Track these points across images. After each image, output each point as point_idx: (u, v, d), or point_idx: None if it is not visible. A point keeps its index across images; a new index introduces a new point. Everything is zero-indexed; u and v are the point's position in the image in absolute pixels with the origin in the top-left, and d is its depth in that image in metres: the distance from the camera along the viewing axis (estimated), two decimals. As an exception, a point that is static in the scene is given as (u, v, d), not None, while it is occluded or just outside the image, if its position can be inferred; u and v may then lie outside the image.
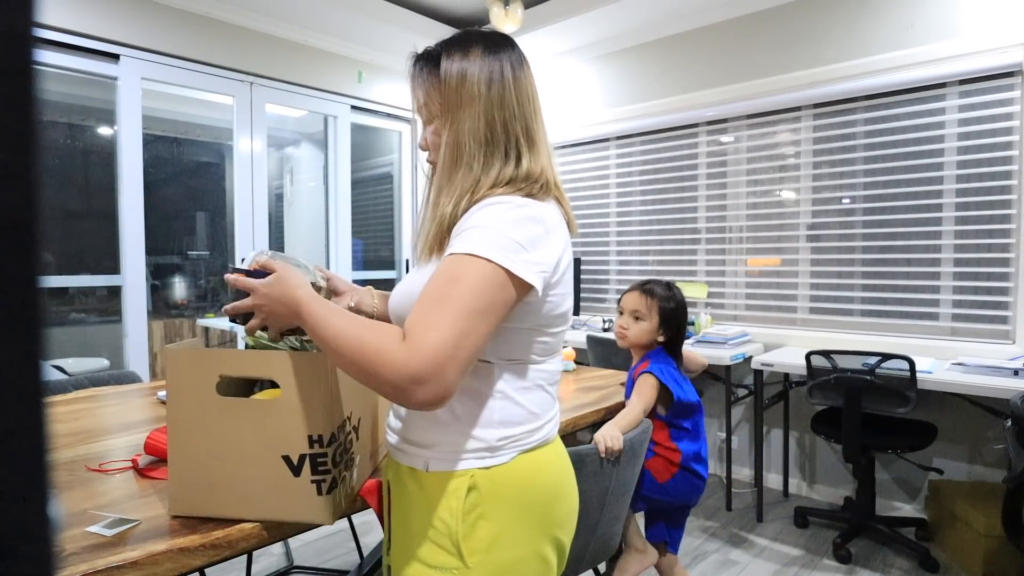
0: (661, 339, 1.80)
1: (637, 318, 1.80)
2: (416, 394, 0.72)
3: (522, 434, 0.88)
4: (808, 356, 2.54)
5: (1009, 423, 1.90)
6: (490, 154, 0.89)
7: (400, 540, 0.90)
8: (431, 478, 0.87)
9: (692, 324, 3.34)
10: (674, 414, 1.74)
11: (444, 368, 0.72)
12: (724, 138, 3.44)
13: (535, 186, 0.89)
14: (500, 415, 0.87)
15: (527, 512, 0.87)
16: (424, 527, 0.86)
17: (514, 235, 0.80)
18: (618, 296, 4.01)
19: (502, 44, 0.95)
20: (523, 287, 0.80)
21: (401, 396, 0.73)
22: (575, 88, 4.04)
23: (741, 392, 3.17)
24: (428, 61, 0.94)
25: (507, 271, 0.78)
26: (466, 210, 0.86)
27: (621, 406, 1.68)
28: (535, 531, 0.87)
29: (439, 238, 0.88)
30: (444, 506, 0.85)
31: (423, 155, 0.98)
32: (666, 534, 1.79)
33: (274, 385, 0.92)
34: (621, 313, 1.86)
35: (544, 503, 0.89)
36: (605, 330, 3.61)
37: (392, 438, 0.95)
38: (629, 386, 1.76)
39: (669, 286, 1.84)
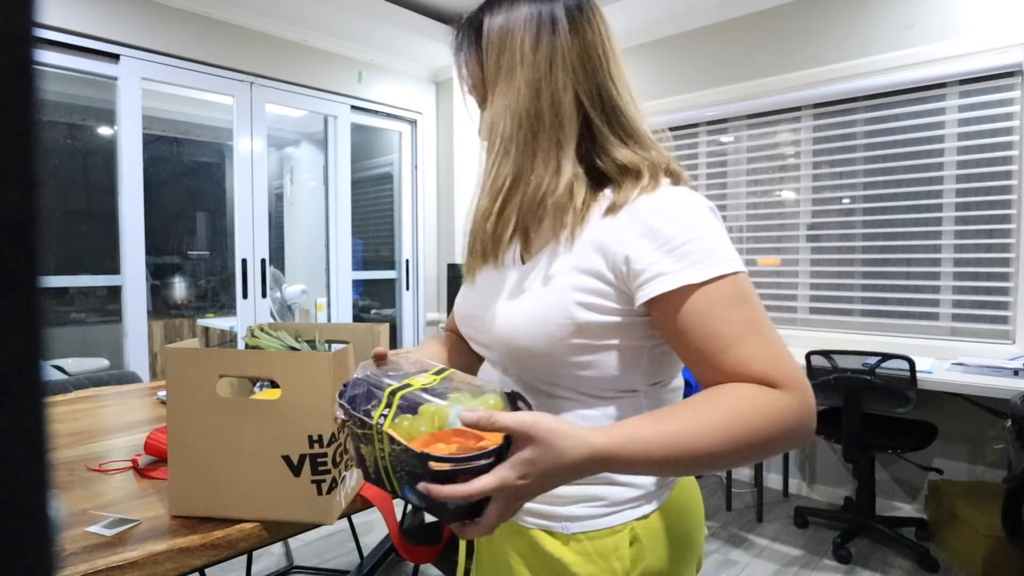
0: None
1: None
2: (812, 424, 0.62)
3: None
4: (808, 356, 2.54)
5: (1009, 423, 1.90)
6: (542, 138, 0.71)
7: None
8: (578, 541, 0.71)
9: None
10: None
11: (809, 386, 0.62)
12: (724, 138, 3.44)
13: (679, 171, 0.74)
14: None
15: (683, 548, 0.75)
16: None
17: (722, 233, 0.69)
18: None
19: None
20: None
21: (806, 440, 0.62)
22: (575, 88, 4.03)
23: (741, 392, 3.17)
24: (470, 25, 0.77)
25: (745, 275, 0.68)
26: (531, 213, 0.73)
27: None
28: (690, 562, 0.78)
29: (489, 246, 0.74)
30: (606, 573, 0.70)
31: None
32: None
33: (274, 384, 0.92)
34: None
35: (695, 530, 0.78)
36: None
37: None
38: None
39: None
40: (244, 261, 3.42)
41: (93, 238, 3.33)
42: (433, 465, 0.53)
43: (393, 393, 0.61)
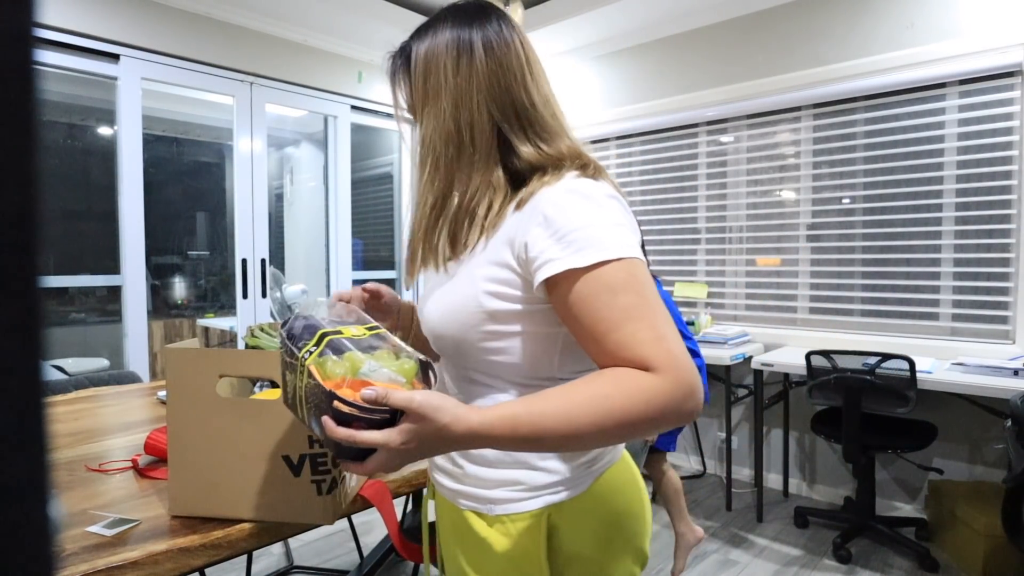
0: None
1: None
2: (694, 409, 0.64)
3: (594, 457, 0.79)
4: (808, 356, 2.54)
5: (1009, 423, 1.90)
6: (469, 154, 0.77)
7: None
8: (501, 523, 0.77)
9: (692, 324, 3.34)
10: None
11: (695, 372, 0.65)
12: (724, 138, 3.44)
13: (592, 166, 0.77)
14: None
15: (612, 536, 0.78)
16: None
17: (615, 220, 0.71)
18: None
19: (475, 14, 0.80)
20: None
21: (684, 420, 0.65)
22: (575, 88, 4.04)
23: (741, 392, 3.17)
24: (402, 54, 0.84)
25: (638, 260, 0.69)
26: (460, 223, 0.78)
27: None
28: (623, 553, 0.79)
29: (419, 260, 0.80)
30: (523, 554, 0.75)
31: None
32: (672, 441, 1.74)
33: (274, 385, 0.92)
34: None
35: (627, 521, 0.80)
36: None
37: (444, 479, 0.84)
38: None
39: None
40: (244, 261, 3.42)
41: (93, 238, 3.33)
42: (337, 404, 0.61)
43: (324, 335, 0.67)
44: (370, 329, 0.73)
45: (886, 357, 2.37)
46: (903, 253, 2.87)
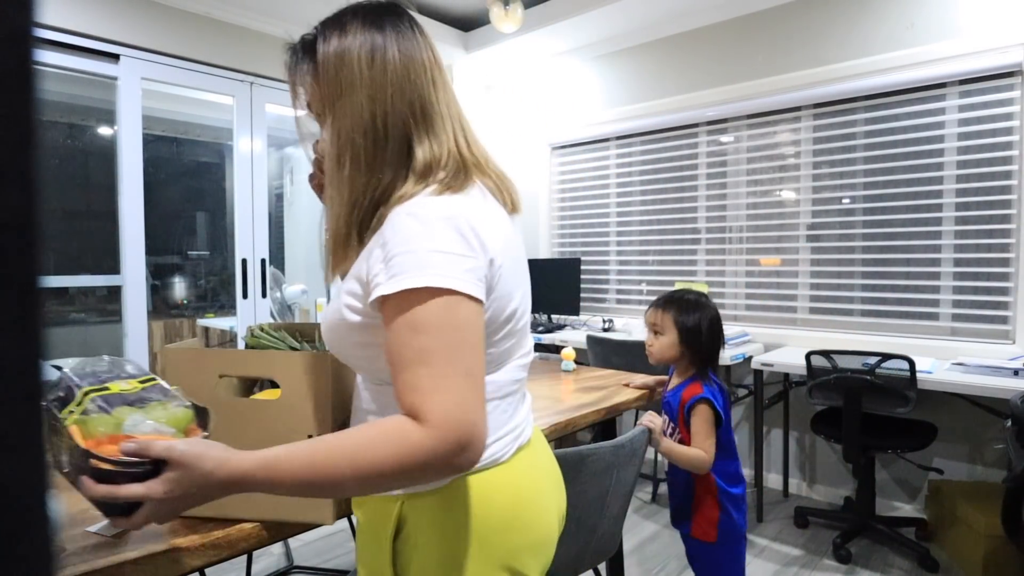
0: (686, 354, 1.67)
1: (656, 332, 1.71)
2: (463, 462, 0.64)
3: None
4: (808, 356, 2.54)
5: (1009, 423, 1.90)
6: (383, 148, 0.77)
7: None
8: (366, 505, 0.80)
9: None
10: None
11: (478, 422, 0.64)
12: (724, 138, 3.44)
13: (445, 174, 0.76)
14: None
15: (468, 546, 0.75)
16: (365, 560, 0.81)
17: (442, 246, 0.68)
18: (618, 296, 4.03)
19: (385, 11, 0.81)
20: (475, 301, 0.69)
21: (456, 472, 0.65)
22: (575, 88, 4.04)
23: (741, 392, 3.17)
24: (306, 50, 0.82)
25: (456, 292, 0.67)
26: (367, 223, 0.76)
27: (620, 406, 1.68)
28: (484, 564, 0.76)
29: (340, 259, 0.79)
30: (375, 539, 0.77)
31: None
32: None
33: (274, 384, 0.92)
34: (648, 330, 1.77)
35: (493, 531, 0.76)
36: (605, 330, 3.61)
37: None
38: (672, 405, 1.68)
39: (695, 298, 1.71)
40: (244, 261, 3.42)
41: (93, 238, 3.33)
42: (93, 463, 0.61)
43: (87, 393, 0.67)
44: (144, 381, 0.72)
45: (886, 357, 2.37)
46: (903, 253, 2.87)
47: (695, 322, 1.66)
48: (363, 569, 0.83)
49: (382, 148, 0.77)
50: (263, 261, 3.48)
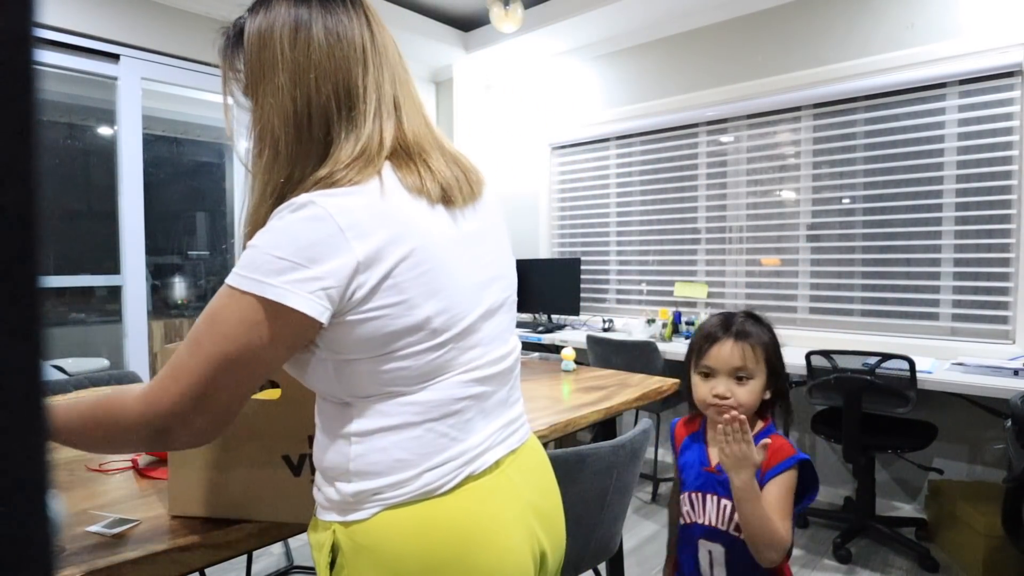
0: (768, 394, 1.20)
1: (741, 377, 1.16)
2: (163, 442, 0.66)
3: (384, 487, 0.69)
4: (808, 356, 2.54)
5: (1009, 423, 1.90)
6: (306, 139, 0.71)
7: None
8: (313, 531, 0.76)
9: (692, 324, 3.34)
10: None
11: (186, 419, 0.64)
12: (724, 138, 3.44)
13: (347, 167, 0.69)
14: (356, 463, 0.70)
15: None
16: None
17: (280, 249, 0.63)
18: (618, 296, 4.02)
19: None
20: (300, 316, 0.63)
21: (149, 445, 0.66)
22: (575, 88, 4.04)
23: (741, 392, 3.17)
24: (237, 32, 0.77)
25: (269, 301, 0.62)
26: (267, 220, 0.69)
27: (620, 406, 1.68)
28: None
29: None
30: (318, 561, 0.73)
31: None
32: None
33: (274, 384, 0.92)
34: (707, 375, 1.19)
35: (427, 572, 0.68)
36: (605, 330, 3.61)
37: None
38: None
39: (755, 317, 1.23)
40: None
41: (93, 238, 3.33)
42: None
43: None
44: None
45: (886, 357, 2.37)
46: (903, 253, 2.87)
47: (777, 351, 1.21)
48: None
49: (305, 139, 0.71)
50: (263, 261, 3.48)
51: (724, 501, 1.17)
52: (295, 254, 0.63)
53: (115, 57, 2.95)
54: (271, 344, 0.64)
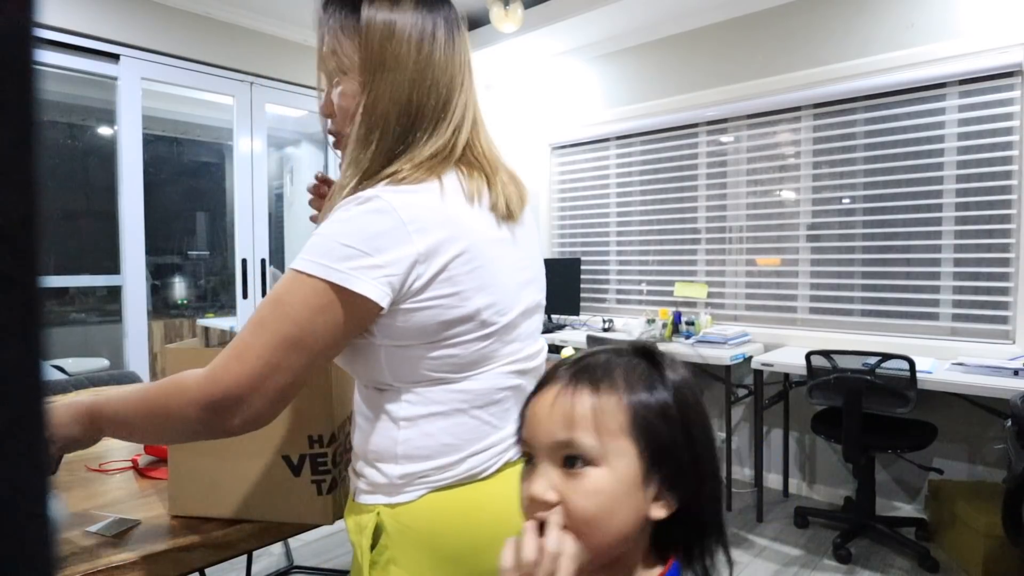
0: (662, 513, 0.54)
1: (572, 462, 0.53)
2: (221, 423, 0.67)
3: (431, 470, 0.73)
4: (808, 356, 2.54)
5: (1009, 423, 1.90)
6: (405, 134, 0.76)
7: None
8: (350, 515, 0.79)
9: (692, 324, 3.34)
10: None
11: (246, 399, 0.66)
12: (724, 138, 3.44)
13: (416, 166, 0.73)
14: (404, 447, 0.73)
15: (445, 563, 0.72)
16: (354, 570, 0.79)
17: (347, 238, 0.67)
18: (618, 296, 4.03)
19: (440, 1, 0.80)
20: (364, 300, 0.67)
21: (206, 428, 0.68)
22: (575, 88, 4.04)
23: (741, 392, 3.17)
24: (345, 3, 0.79)
25: (336, 286, 0.66)
26: None
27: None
28: None
29: None
30: (358, 544, 0.76)
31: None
32: None
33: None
34: (528, 459, 0.56)
35: (470, 553, 0.72)
36: (605, 330, 3.61)
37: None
38: None
39: (645, 352, 0.58)
40: (244, 261, 3.42)
41: (93, 238, 3.33)
42: None
43: None
44: None
45: (886, 357, 2.37)
46: (903, 253, 2.87)
47: (685, 418, 0.55)
48: None
49: (404, 134, 0.76)
50: (263, 261, 3.48)
51: None
52: (361, 243, 0.67)
53: (115, 57, 2.95)
54: (333, 327, 0.67)
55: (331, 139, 0.83)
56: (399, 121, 0.75)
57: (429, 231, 0.69)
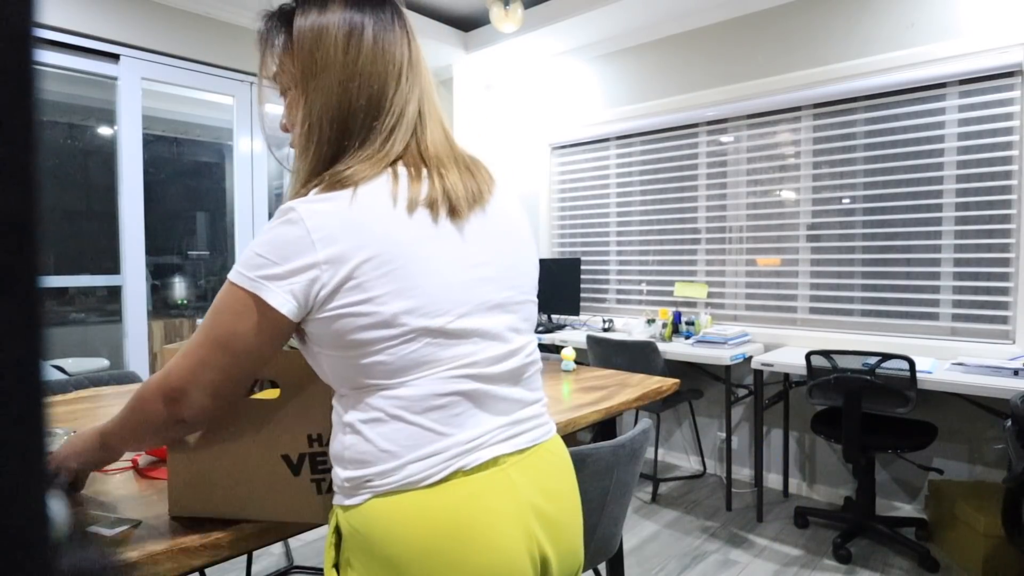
0: None
1: None
2: (178, 414, 0.75)
3: (372, 475, 0.72)
4: (808, 356, 2.54)
5: (1009, 423, 1.90)
6: (338, 138, 0.76)
7: None
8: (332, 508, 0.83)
9: (692, 324, 3.35)
10: None
11: (188, 391, 0.74)
12: (724, 138, 3.44)
13: (339, 173, 0.74)
14: (350, 452, 0.74)
15: (388, 569, 0.70)
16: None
17: (261, 248, 0.71)
18: (618, 296, 4.02)
19: None
20: (269, 308, 0.71)
21: (169, 420, 0.76)
22: (575, 88, 4.04)
23: (741, 392, 3.17)
24: (281, 19, 0.80)
25: (250, 293, 0.71)
26: None
27: (620, 407, 1.68)
28: None
29: None
30: (326, 541, 0.80)
31: None
32: None
33: (274, 384, 0.92)
34: None
35: (409, 561, 0.70)
36: (605, 330, 3.61)
37: None
38: None
39: None
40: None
41: (93, 238, 3.33)
42: None
43: None
44: None
45: (886, 357, 2.37)
46: (903, 253, 2.87)
47: None
48: None
49: (340, 138, 0.77)
50: (263, 261, 3.48)
51: None
52: (270, 252, 0.71)
53: (115, 57, 2.95)
54: (251, 331, 0.72)
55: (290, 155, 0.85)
56: (332, 126, 0.76)
57: (336, 239, 0.70)
